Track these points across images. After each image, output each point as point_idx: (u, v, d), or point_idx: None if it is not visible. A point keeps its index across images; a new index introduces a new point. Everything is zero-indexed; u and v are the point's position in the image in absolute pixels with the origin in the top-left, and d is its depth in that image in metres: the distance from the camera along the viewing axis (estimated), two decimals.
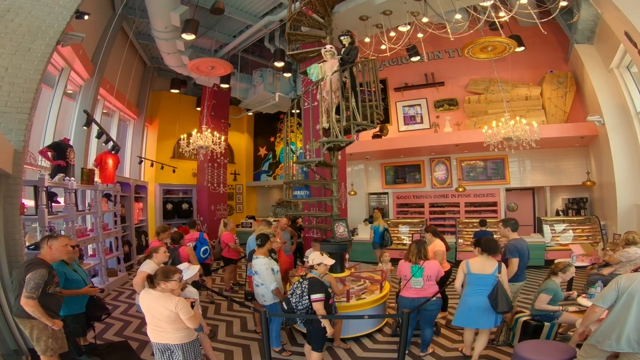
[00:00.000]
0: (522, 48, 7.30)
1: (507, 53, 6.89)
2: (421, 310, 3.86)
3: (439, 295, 3.99)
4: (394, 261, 5.74)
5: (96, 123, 7.20)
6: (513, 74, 9.24)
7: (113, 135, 8.86)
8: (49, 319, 3.02)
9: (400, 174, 11.26)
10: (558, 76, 9.06)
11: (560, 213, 9.54)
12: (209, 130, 8.51)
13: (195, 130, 8.63)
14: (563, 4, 4.79)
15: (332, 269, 4.61)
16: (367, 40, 6.84)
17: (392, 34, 6.41)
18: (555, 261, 4.27)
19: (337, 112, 5.04)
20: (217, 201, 11.57)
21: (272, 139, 14.67)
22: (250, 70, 10.94)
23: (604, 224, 8.03)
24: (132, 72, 9.90)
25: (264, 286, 3.97)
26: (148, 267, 3.76)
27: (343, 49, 5.06)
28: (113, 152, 7.68)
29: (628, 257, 4.83)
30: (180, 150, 8.86)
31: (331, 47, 4.99)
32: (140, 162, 10.72)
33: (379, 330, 4.66)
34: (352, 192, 10.75)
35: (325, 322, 3.36)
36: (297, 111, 6.18)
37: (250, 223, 12.05)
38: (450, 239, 8.60)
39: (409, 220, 10.00)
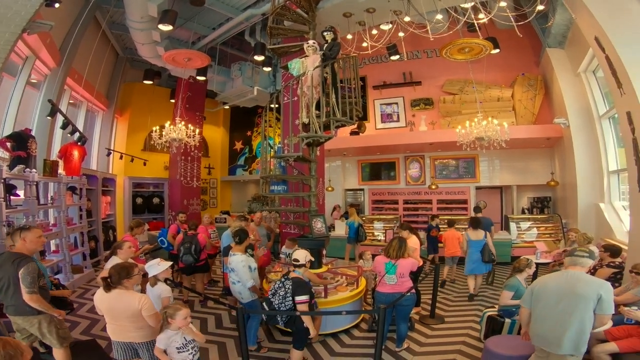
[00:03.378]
0: (497, 50, 7.49)
1: (483, 55, 7.08)
2: (396, 305, 3.92)
3: (413, 290, 4.05)
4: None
5: (61, 113, 6.81)
6: (487, 76, 9.50)
7: (80, 126, 8.42)
8: (54, 309, 3.03)
9: (376, 171, 11.41)
10: (529, 79, 9.39)
11: (526, 211, 9.94)
12: (183, 123, 8.25)
13: (169, 122, 8.33)
14: (540, 7, 4.95)
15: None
16: (349, 37, 6.84)
17: (374, 31, 6.45)
18: (520, 258, 4.44)
19: (317, 107, 5.00)
20: (190, 195, 11.25)
21: (249, 133, 14.41)
22: (229, 63, 10.69)
23: (565, 222, 8.40)
24: (103, 62, 9.48)
25: (241, 284, 3.90)
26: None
27: (325, 45, 5.02)
28: (79, 143, 7.29)
29: None
30: (152, 143, 8.54)
31: (314, 43, 4.94)
32: (109, 154, 10.24)
33: (356, 326, 4.71)
34: (329, 188, 10.79)
35: (309, 324, 3.34)
36: (276, 106, 6.09)
37: (225, 218, 11.82)
38: (422, 235, 8.83)
39: (384, 217, 10.17)
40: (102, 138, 10.45)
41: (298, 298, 3.34)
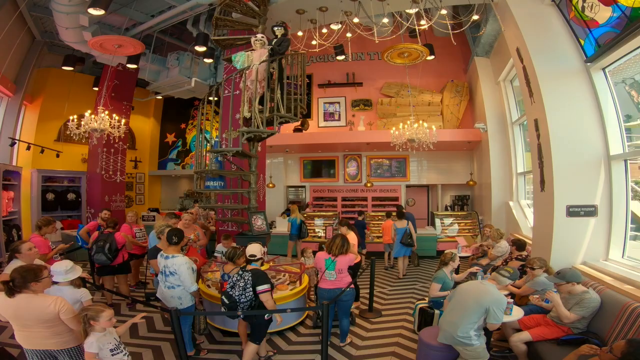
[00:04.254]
0: (433, 57, 8.01)
1: (420, 60, 7.53)
2: (337, 301, 4.00)
3: (352, 285, 4.17)
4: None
5: None
6: (421, 81, 10.18)
7: None
8: None
9: (317, 168, 11.57)
10: (457, 85, 10.18)
11: (449, 208, 10.86)
12: (107, 112, 7.52)
13: (89, 111, 7.52)
14: (475, 17, 5.36)
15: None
16: (299, 34, 6.78)
17: (324, 30, 6.49)
18: (445, 252, 4.71)
19: (261, 102, 4.90)
20: (112, 191, 10.22)
21: (183, 125, 13.58)
22: (166, 52, 9.93)
23: (481, 219, 9.32)
24: (15, 45, 8.25)
25: (181, 288, 3.65)
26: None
27: (275, 40, 4.92)
28: None
29: (501, 251, 5.81)
30: (68, 133, 7.63)
31: (262, 37, 4.82)
32: (13, 144, 8.85)
33: (302, 323, 4.74)
34: (270, 185, 10.64)
35: (270, 308, 3.39)
36: (216, 99, 5.80)
37: (154, 216, 10.98)
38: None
39: (324, 213, 10.37)
40: (6, 126, 9.04)
41: (259, 288, 3.35)
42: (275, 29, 4.93)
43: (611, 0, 3.95)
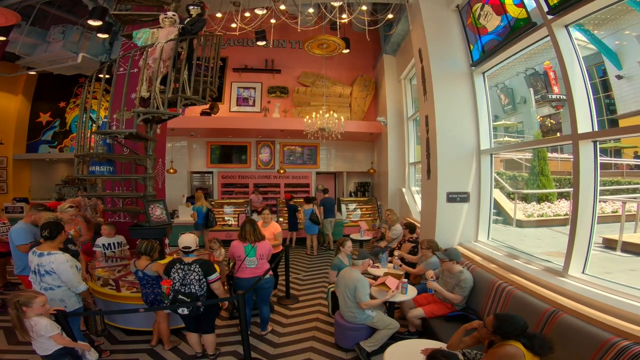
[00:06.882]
0: (348, 50, 8.33)
1: (336, 53, 7.79)
2: (257, 289, 3.96)
3: (270, 272, 4.17)
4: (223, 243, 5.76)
5: None
6: (335, 73, 10.56)
7: None
8: None
9: (226, 153, 11.13)
10: (365, 80, 10.81)
11: (352, 194, 11.65)
12: None
13: None
14: (390, 16, 5.58)
15: None
16: (218, 15, 6.28)
17: (247, 14, 6.11)
18: (339, 240, 4.84)
19: (164, 82, 4.46)
20: None
21: (62, 104, 11.60)
22: (48, 24, 8.36)
23: (380, 204, 10.19)
24: None
25: (63, 289, 3.17)
26: None
27: (188, 19, 4.50)
28: None
29: (396, 234, 6.47)
30: None
31: (174, 15, 4.36)
32: None
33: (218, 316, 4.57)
34: (171, 170, 9.83)
35: (222, 295, 3.45)
36: (108, 76, 5.04)
37: (21, 207, 9.26)
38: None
39: (234, 201, 10.08)
40: None
41: (210, 277, 3.34)
42: (191, 8, 4.49)
43: (502, 10, 4.43)
